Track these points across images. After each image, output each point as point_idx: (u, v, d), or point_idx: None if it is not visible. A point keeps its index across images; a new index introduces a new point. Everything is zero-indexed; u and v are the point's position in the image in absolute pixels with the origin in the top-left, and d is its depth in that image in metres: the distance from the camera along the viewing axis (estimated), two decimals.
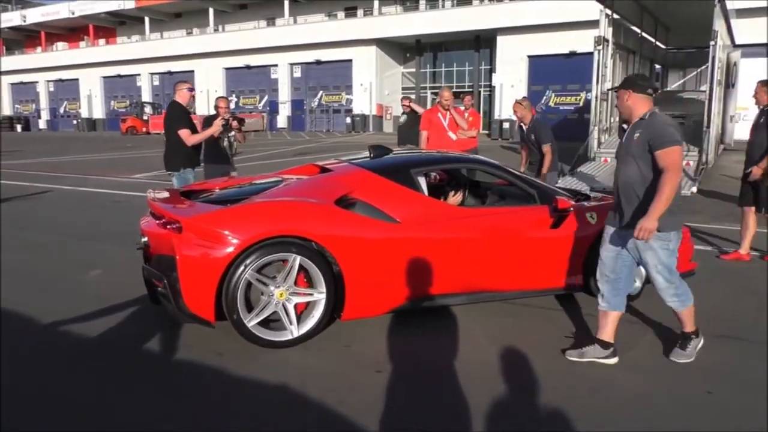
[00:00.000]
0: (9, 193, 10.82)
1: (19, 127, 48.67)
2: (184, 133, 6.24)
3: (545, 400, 3.17)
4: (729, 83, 15.32)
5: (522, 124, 6.96)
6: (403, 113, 9.83)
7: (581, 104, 28.17)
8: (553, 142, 6.67)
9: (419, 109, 9.60)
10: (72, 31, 53.03)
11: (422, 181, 4.58)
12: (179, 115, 6.35)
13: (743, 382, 3.38)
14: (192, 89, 6.59)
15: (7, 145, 25.68)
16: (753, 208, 6.11)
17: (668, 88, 21.61)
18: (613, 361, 3.59)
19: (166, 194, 4.60)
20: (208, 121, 6.87)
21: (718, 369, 3.56)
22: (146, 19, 46.53)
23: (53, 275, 5.54)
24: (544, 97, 30.43)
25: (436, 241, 4.17)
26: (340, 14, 39.45)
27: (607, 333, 3.64)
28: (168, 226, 3.86)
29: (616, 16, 13.46)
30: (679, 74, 24.13)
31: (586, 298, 4.65)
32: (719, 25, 11.64)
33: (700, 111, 12.16)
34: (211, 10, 42.63)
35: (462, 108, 9.51)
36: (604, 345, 3.62)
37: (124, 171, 15.28)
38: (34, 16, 52.71)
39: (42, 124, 53.66)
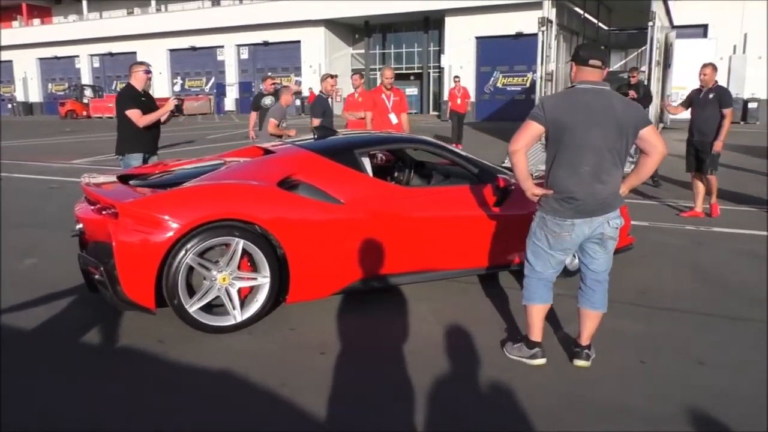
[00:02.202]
0: None
1: None
2: (133, 114, 5.94)
3: (487, 377, 3.23)
4: (666, 63, 15.79)
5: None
6: (268, 94, 9.32)
7: (528, 85, 28.53)
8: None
9: (296, 89, 9.42)
10: (3, 10, 50.27)
11: (366, 162, 4.56)
12: (127, 97, 6.08)
13: (675, 352, 3.52)
14: (149, 71, 6.20)
15: None
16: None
17: (611, 69, 22.11)
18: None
19: (101, 179, 4.45)
20: None
21: (652, 339, 3.71)
22: None
23: None
24: (492, 78, 30.69)
25: (381, 221, 4.16)
26: None
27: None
28: (103, 212, 3.74)
29: None
30: (621, 55, 24.74)
31: None
32: (657, 6, 11.95)
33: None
34: None
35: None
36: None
37: (62, 156, 14.69)
38: None
39: None
